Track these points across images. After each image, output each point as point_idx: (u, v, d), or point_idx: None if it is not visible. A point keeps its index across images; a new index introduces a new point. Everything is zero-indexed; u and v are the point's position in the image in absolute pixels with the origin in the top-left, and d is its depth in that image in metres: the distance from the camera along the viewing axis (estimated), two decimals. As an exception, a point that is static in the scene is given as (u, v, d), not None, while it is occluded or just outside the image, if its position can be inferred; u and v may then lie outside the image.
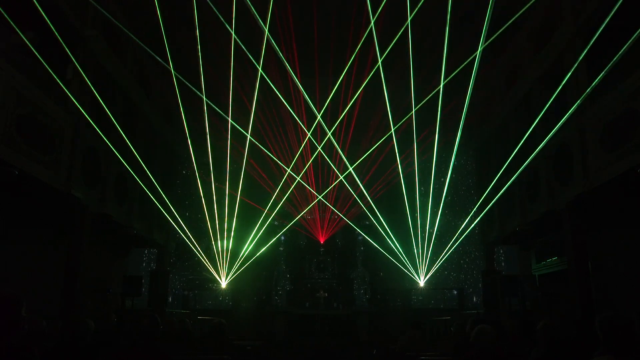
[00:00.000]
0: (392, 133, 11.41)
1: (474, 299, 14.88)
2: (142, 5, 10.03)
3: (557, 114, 8.90)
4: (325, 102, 11.36)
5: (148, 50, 9.72)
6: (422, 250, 13.51)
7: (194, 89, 10.28)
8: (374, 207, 13.22)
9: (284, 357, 12.30)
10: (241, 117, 11.55)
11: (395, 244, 13.64)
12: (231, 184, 12.93)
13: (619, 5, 6.97)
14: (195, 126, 11.96)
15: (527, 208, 10.55)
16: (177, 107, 10.91)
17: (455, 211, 15.18)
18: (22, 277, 8.32)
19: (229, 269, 13.91)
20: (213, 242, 13.50)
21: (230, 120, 11.00)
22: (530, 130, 9.34)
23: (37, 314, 4.47)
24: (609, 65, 6.98)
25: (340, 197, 14.55)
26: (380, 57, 9.87)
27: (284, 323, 14.04)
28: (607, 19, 7.03)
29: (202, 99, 10.56)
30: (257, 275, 14.65)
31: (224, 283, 14.04)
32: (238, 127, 11.33)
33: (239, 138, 12.00)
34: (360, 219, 14.60)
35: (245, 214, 13.80)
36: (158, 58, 9.72)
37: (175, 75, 10.19)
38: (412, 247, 13.64)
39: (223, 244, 13.54)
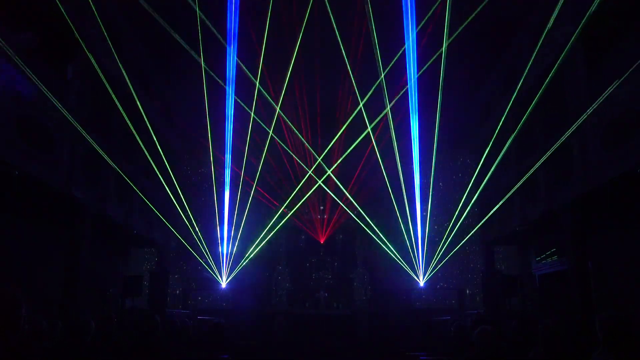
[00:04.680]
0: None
1: (474, 299, 14.86)
2: (143, 5, 10.02)
3: (558, 114, 8.90)
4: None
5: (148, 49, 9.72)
6: (419, 251, 13.52)
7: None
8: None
9: (284, 357, 12.28)
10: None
11: (391, 247, 13.68)
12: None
13: (619, 5, 6.97)
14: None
15: (527, 208, 10.54)
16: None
17: (453, 212, 15.19)
18: (22, 276, 8.32)
19: (230, 269, 13.92)
20: (219, 245, 13.53)
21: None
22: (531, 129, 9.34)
23: (37, 314, 4.47)
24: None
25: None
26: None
27: (284, 323, 14.03)
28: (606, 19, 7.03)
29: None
30: (257, 275, 14.64)
31: (224, 283, 14.03)
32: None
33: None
34: (362, 218, 14.59)
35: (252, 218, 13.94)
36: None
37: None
38: (410, 248, 13.66)
39: (229, 248, 13.59)
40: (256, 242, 14.04)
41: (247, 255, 14.00)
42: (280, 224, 13.99)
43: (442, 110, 10.86)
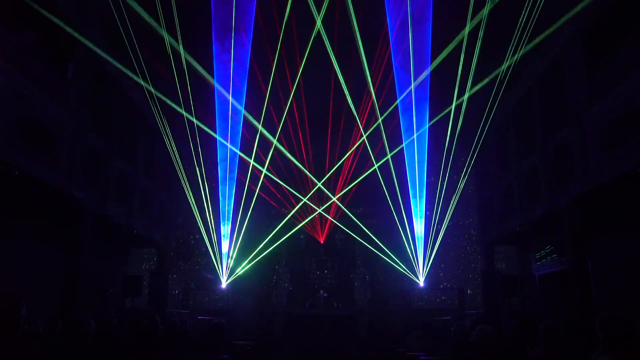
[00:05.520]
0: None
1: (475, 299, 14.86)
2: (143, 5, 10.02)
3: (557, 114, 8.90)
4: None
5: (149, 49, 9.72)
6: (419, 252, 13.53)
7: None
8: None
9: (284, 357, 12.29)
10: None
11: (389, 249, 13.75)
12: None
13: (619, 5, 6.97)
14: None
15: (527, 208, 10.54)
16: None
17: (452, 211, 15.21)
18: (22, 276, 8.32)
19: (230, 269, 13.92)
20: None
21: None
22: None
23: (34, 314, 4.47)
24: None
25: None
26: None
27: (284, 323, 14.02)
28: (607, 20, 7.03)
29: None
30: (257, 275, 14.65)
31: (224, 283, 14.03)
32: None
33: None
34: (362, 218, 14.66)
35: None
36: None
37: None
38: (408, 248, 13.69)
39: (229, 248, 13.61)
40: (257, 243, 14.07)
41: (247, 260, 14.03)
42: (281, 224, 14.02)
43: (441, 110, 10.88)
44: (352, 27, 9.05)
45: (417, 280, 14.02)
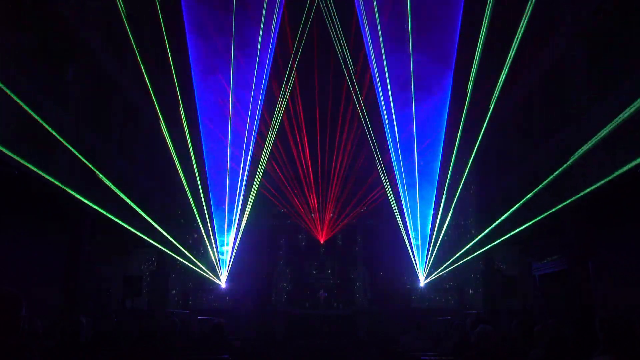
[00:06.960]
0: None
1: (475, 299, 14.84)
2: (143, 5, 10.04)
3: (558, 114, 8.89)
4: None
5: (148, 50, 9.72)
6: (421, 252, 13.52)
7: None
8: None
9: (284, 357, 12.28)
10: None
11: (395, 247, 13.75)
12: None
13: (619, 5, 6.97)
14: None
15: (527, 208, 10.54)
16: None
17: (456, 213, 15.18)
18: (22, 276, 8.32)
19: (229, 268, 13.91)
20: (216, 246, 13.55)
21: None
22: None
23: (34, 314, 4.48)
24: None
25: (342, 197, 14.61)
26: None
27: (284, 323, 14.02)
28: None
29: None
30: (257, 275, 14.64)
31: (223, 283, 14.02)
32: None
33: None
34: (362, 218, 14.65)
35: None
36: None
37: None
38: (411, 248, 13.68)
39: (229, 247, 13.63)
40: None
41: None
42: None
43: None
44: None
45: (418, 280, 14.03)
